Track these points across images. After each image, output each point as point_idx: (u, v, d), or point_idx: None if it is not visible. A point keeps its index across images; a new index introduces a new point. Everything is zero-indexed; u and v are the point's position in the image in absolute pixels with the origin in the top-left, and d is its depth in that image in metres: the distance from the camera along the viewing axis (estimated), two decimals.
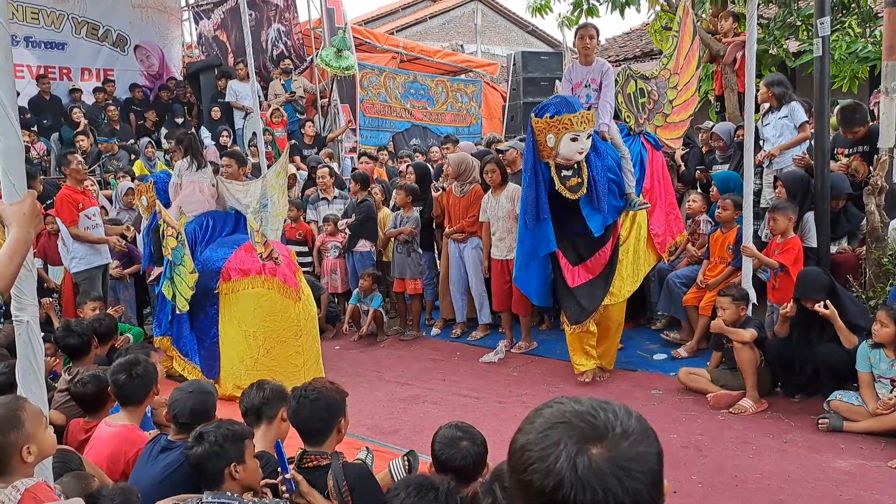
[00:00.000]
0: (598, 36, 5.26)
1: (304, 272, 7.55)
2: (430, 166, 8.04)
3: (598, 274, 5.17)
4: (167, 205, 5.79)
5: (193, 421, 2.96)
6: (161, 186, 6.00)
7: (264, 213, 5.78)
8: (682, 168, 6.93)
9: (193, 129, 10.44)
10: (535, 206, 4.99)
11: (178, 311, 5.48)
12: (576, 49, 5.49)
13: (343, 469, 2.64)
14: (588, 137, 4.80)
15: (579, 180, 4.86)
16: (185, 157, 5.91)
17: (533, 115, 4.92)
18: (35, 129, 10.33)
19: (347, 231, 7.39)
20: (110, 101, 11.49)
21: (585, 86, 5.21)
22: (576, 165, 4.85)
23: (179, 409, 3.01)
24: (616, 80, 5.31)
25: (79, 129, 10.07)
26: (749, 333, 4.65)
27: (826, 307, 4.35)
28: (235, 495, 2.46)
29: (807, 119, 5.76)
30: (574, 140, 4.77)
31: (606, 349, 5.42)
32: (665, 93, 5.72)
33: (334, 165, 9.79)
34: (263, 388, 3.10)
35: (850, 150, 5.71)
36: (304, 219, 8.06)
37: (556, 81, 5.70)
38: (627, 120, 5.46)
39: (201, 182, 5.88)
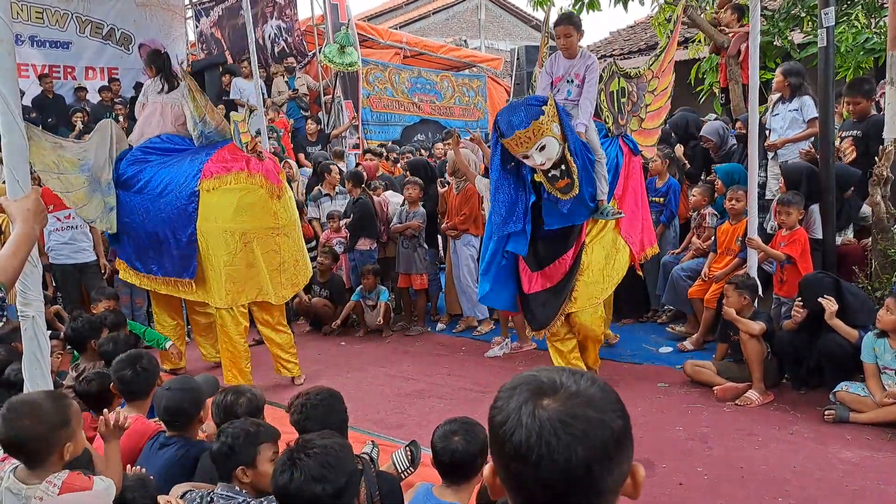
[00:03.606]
0: (577, 31, 4.72)
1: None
2: (429, 162, 8.05)
3: (556, 283, 4.82)
4: None
5: (171, 419, 3.04)
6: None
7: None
8: (688, 166, 6.88)
9: None
10: (512, 210, 4.67)
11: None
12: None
13: (377, 478, 2.70)
14: (541, 150, 4.36)
15: (569, 181, 4.46)
16: (155, 77, 5.83)
17: (495, 127, 4.60)
18: (40, 128, 10.36)
19: (346, 230, 7.43)
20: (118, 100, 11.52)
21: (568, 81, 4.76)
22: (563, 166, 4.45)
23: (158, 409, 3.08)
24: (601, 76, 4.91)
25: (75, 134, 10.12)
26: (759, 326, 4.64)
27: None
28: (244, 492, 2.48)
29: (817, 115, 5.67)
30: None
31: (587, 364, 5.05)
32: (643, 95, 5.40)
33: (341, 164, 9.79)
34: (240, 403, 3.04)
35: (848, 132, 5.66)
36: (306, 216, 8.04)
37: (536, 69, 5.34)
38: (606, 120, 5.05)
39: (164, 104, 5.79)
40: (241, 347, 5.43)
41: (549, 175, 4.48)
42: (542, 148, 4.36)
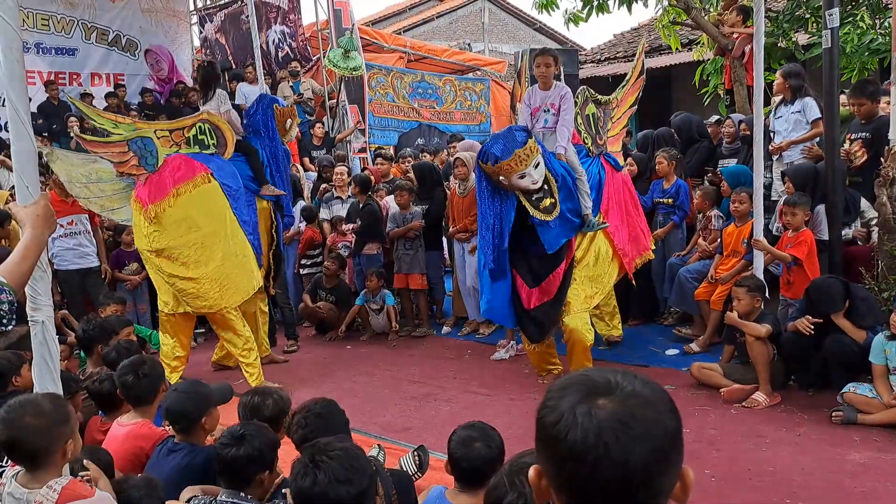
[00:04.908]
0: (556, 63, 5.25)
1: (316, 273, 7.64)
2: (435, 166, 8.04)
3: (553, 295, 5.12)
4: None
5: (173, 420, 3.04)
6: None
7: None
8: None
9: None
10: (495, 236, 4.97)
11: None
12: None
13: (393, 477, 2.71)
14: (536, 166, 4.81)
15: (552, 200, 4.89)
16: (201, 90, 5.99)
17: (479, 161, 4.95)
18: (46, 134, 10.42)
19: (352, 234, 7.43)
20: (132, 106, 11.58)
21: (545, 110, 5.19)
22: (545, 186, 4.87)
23: (163, 409, 3.11)
24: (576, 101, 5.29)
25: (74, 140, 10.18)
26: (765, 329, 4.63)
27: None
28: (250, 497, 2.48)
29: (820, 116, 5.67)
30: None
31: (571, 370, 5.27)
32: (607, 121, 5.74)
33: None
34: (266, 404, 3.07)
35: (857, 135, 5.66)
36: (317, 218, 8.04)
37: (518, 105, 5.65)
38: (585, 141, 5.41)
39: None
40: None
41: (534, 199, 4.89)
42: (537, 165, 4.82)
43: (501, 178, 4.82)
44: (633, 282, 5.80)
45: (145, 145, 5.47)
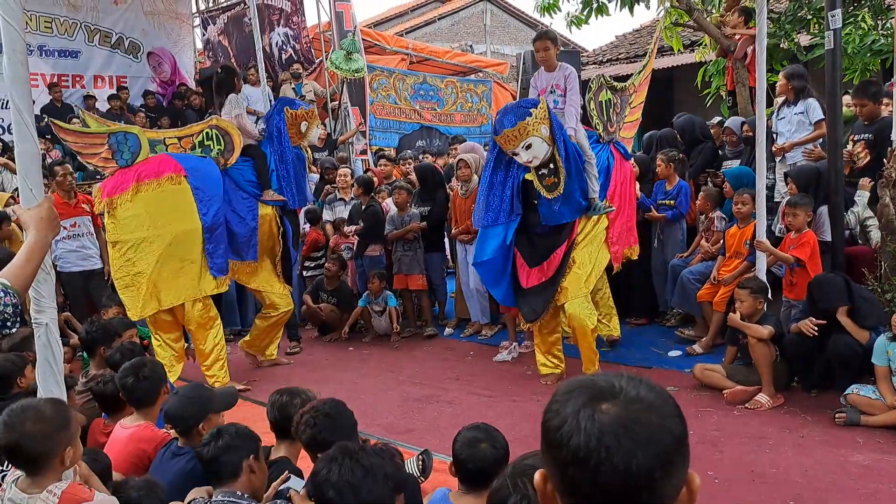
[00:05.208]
0: (554, 45, 5.28)
1: (319, 275, 7.64)
2: (436, 167, 8.04)
3: (549, 276, 5.18)
4: None
5: (172, 424, 3.06)
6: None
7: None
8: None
9: None
10: (499, 206, 5.15)
11: None
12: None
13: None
14: (528, 148, 4.84)
15: (555, 180, 4.94)
16: (215, 95, 6.07)
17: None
18: (49, 136, 10.44)
19: (355, 236, 7.44)
20: (134, 108, 11.60)
21: (551, 91, 5.27)
22: (551, 165, 4.92)
23: (163, 413, 3.12)
24: (590, 87, 5.36)
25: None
26: (767, 330, 4.62)
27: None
28: (246, 495, 2.49)
29: (823, 117, 5.67)
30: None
31: (582, 360, 5.23)
32: (625, 107, 5.76)
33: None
34: (294, 403, 3.09)
35: (860, 136, 5.66)
36: (320, 221, 8.04)
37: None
38: (597, 127, 5.46)
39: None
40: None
41: (539, 173, 4.97)
42: (529, 147, 4.85)
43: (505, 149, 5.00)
44: (617, 267, 5.73)
45: (126, 140, 5.45)
